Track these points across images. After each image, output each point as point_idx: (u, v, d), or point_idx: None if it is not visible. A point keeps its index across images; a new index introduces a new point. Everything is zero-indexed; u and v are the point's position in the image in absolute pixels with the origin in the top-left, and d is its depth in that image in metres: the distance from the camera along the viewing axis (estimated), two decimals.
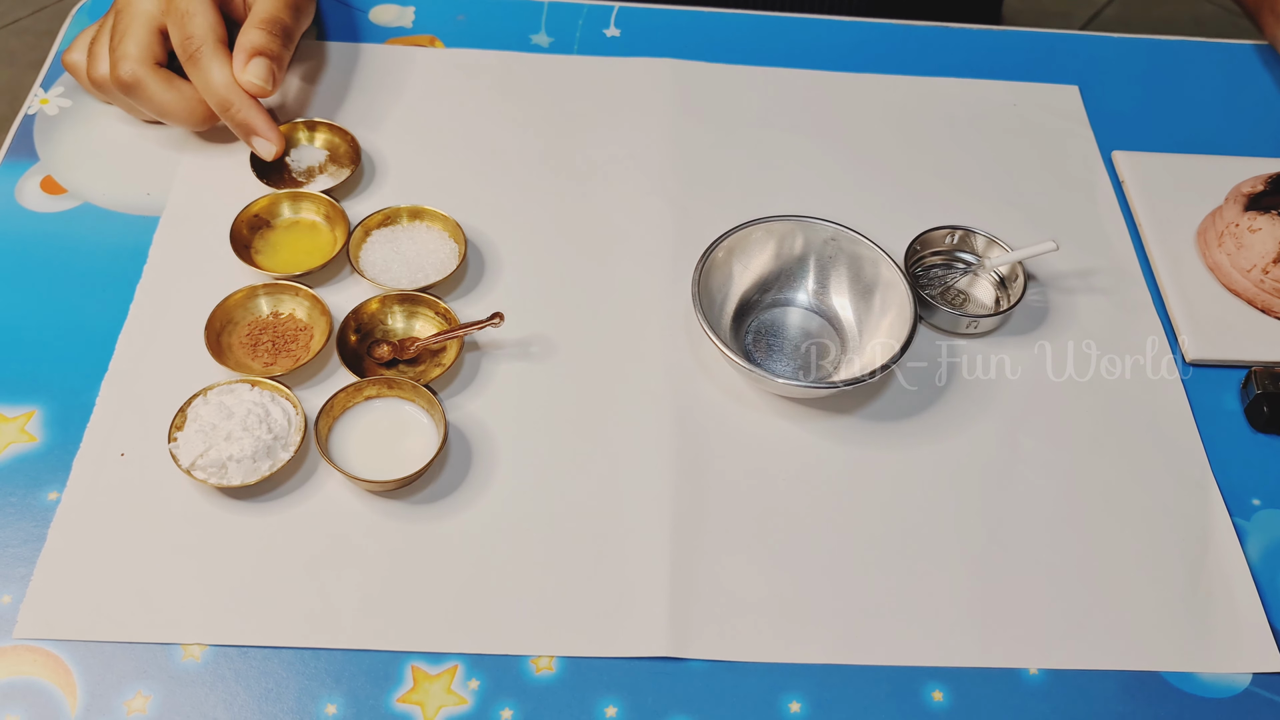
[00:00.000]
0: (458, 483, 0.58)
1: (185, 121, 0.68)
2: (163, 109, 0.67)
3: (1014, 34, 0.85)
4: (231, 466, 0.55)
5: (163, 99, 0.66)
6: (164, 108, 0.67)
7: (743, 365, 0.59)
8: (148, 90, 0.66)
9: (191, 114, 0.67)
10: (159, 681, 0.51)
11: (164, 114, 0.67)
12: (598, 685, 0.52)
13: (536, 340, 0.64)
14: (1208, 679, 0.54)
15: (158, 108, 0.67)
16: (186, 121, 0.67)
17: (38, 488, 0.56)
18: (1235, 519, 0.60)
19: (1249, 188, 0.69)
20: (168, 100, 0.66)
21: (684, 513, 0.57)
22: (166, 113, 0.67)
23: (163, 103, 0.66)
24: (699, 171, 0.73)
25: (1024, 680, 0.54)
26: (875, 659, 0.54)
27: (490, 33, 0.80)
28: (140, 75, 0.65)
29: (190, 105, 0.67)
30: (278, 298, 0.63)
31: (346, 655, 0.52)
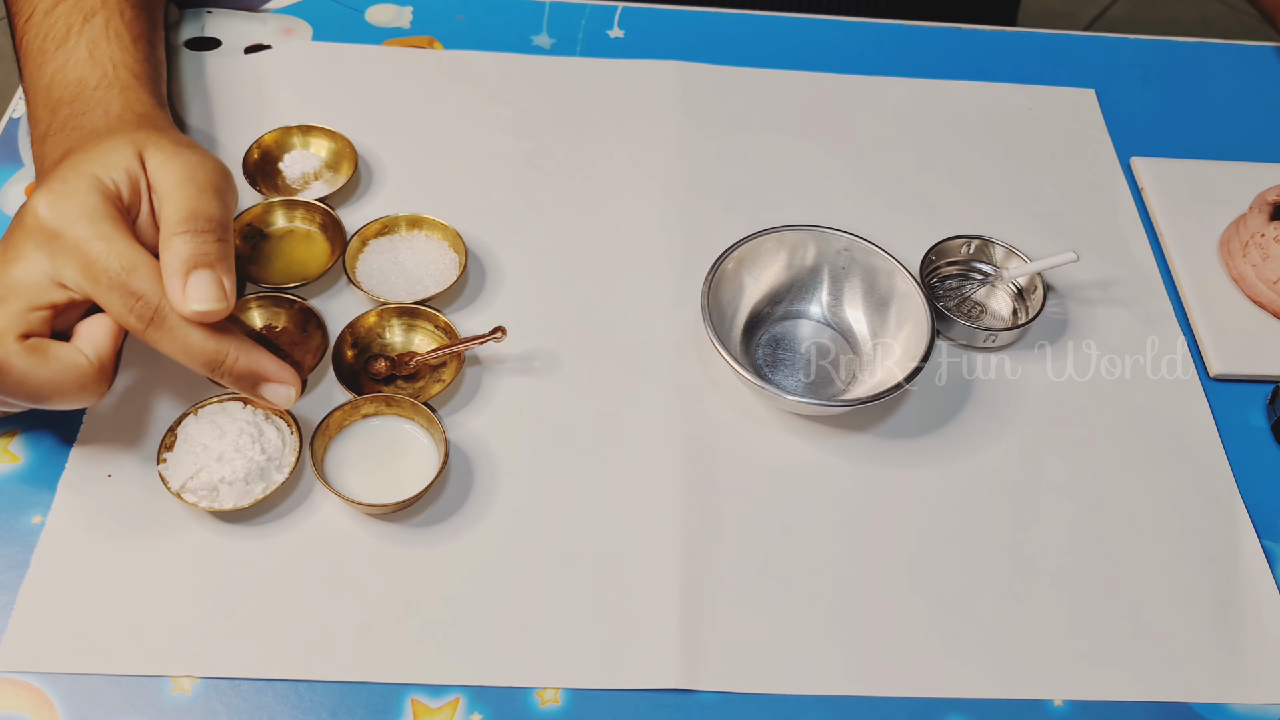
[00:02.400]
0: (459, 505, 0.56)
1: (77, 398, 0.50)
2: (40, 393, 0.49)
3: (1027, 35, 0.83)
4: (223, 489, 0.53)
5: (37, 379, 0.49)
6: (41, 390, 0.49)
7: (754, 382, 0.57)
8: (12, 374, 0.48)
9: (83, 387, 0.50)
10: (147, 716, 0.49)
11: (44, 398, 0.50)
12: (605, 718, 0.50)
13: (540, 355, 0.61)
14: (1240, 710, 0.52)
15: (31, 392, 0.49)
16: (78, 397, 0.50)
17: (20, 510, 0.54)
18: (1264, 541, 0.58)
19: (1274, 196, 0.67)
20: (43, 380, 0.49)
21: (694, 536, 0.55)
22: (47, 395, 0.49)
23: (38, 385, 0.49)
24: (707, 178, 0.71)
25: (1048, 712, 0.52)
26: (893, 690, 0.52)
27: (490, 33, 0.78)
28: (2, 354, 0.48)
29: (79, 375, 0.50)
30: (272, 310, 0.60)
31: (343, 688, 0.50)
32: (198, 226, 0.50)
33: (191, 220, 0.50)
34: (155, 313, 0.49)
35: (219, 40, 0.76)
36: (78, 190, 0.50)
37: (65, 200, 0.50)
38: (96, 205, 0.50)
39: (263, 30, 0.76)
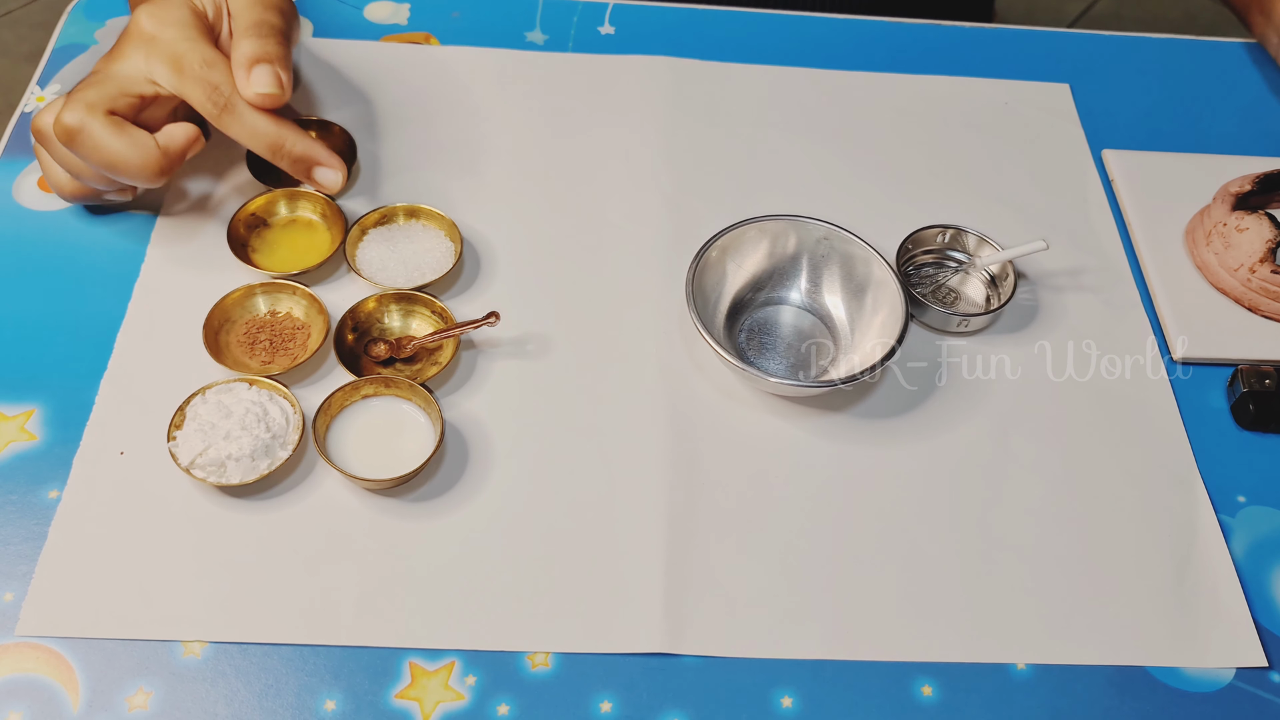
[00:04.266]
0: (454, 481, 0.58)
1: (139, 174, 0.59)
2: (112, 160, 0.58)
3: (1006, 31, 0.86)
4: (230, 465, 0.56)
5: (111, 147, 0.58)
6: (113, 158, 0.58)
7: (736, 364, 0.59)
8: (92, 137, 0.57)
9: (145, 165, 0.59)
10: (160, 678, 0.51)
11: (114, 166, 0.58)
12: (593, 681, 0.53)
13: (532, 339, 0.64)
14: (1193, 674, 0.55)
15: (105, 158, 0.58)
16: (140, 174, 0.59)
17: (38, 486, 0.57)
18: (1221, 516, 0.60)
19: (1236, 187, 0.70)
20: (116, 149, 0.58)
21: (678, 510, 0.58)
22: (116, 164, 0.58)
23: (111, 152, 0.58)
24: (694, 169, 0.73)
25: (1012, 675, 0.55)
26: (866, 654, 0.55)
27: (485, 30, 0.81)
28: (84, 121, 0.57)
29: (144, 155, 0.58)
30: (275, 296, 0.63)
31: (345, 652, 0.53)
32: (261, 31, 0.61)
33: (257, 26, 0.62)
34: (228, 101, 0.60)
35: None
36: (173, 5, 0.62)
37: (162, 12, 0.62)
38: (186, 17, 0.62)
39: None
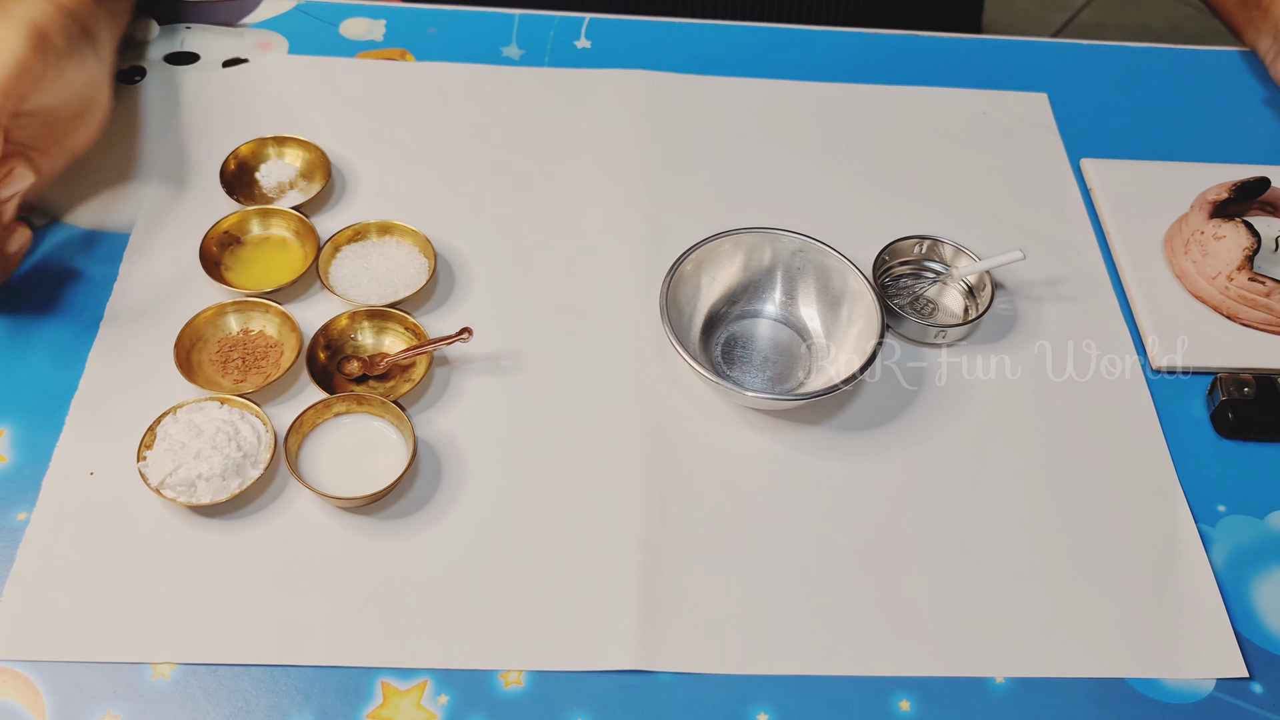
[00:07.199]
0: (427, 498, 0.58)
1: None
2: None
3: (984, 41, 0.86)
4: (200, 485, 0.55)
5: None
6: None
7: (711, 378, 0.59)
8: None
9: None
10: (129, 701, 0.51)
11: None
12: (566, 699, 0.52)
13: (506, 355, 0.64)
14: (1173, 685, 0.55)
15: None
16: None
17: (6, 507, 0.56)
18: (1201, 525, 0.60)
19: (1214, 195, 0.69)
20: None
21: (653, 525, 0.58)
22: None
23: None
24: (670, 183, 0.73)
25: (991, 689, 0.54)
26: (842, 669, 0.54)
27: (461, 45, 0.81)
28: None
29: None
30: (247, 315, 0.63)
31: (316, 672, 0.52)
32: None
33: None
34: None
35: (197, 55, 0.78)
36: None
37: None
38: None
39: (240, 45, 0.79)
